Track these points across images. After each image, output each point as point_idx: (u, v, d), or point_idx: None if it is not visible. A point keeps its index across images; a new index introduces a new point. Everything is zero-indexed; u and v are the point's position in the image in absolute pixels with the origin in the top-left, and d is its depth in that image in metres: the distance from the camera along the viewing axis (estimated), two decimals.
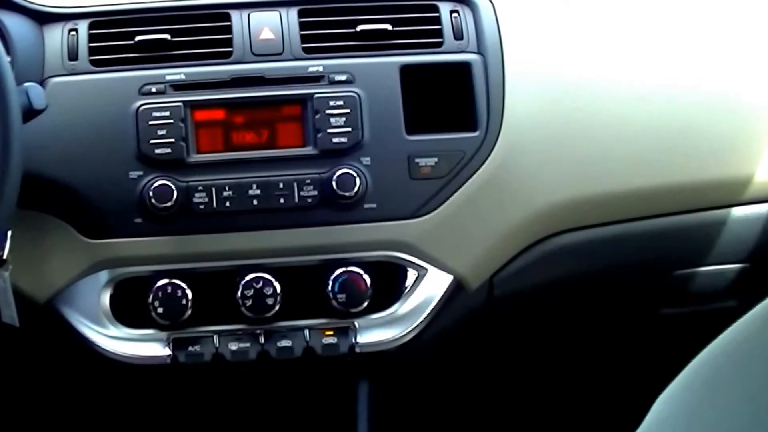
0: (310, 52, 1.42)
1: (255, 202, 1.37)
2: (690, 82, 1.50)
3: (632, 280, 1.58)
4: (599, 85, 1.47)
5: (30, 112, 1.27)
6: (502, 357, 1.84)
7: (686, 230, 1.53)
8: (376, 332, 1.44)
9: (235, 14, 1.44)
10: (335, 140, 1.37)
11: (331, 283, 1.40)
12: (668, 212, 1.50)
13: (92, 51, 1.42)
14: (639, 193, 1.47)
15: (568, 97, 1.46)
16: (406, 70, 1.41)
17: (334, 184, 1.36)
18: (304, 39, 1.43)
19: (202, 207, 1.36)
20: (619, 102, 1.47)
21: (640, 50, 1.51)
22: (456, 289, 1.45)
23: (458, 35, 1.45)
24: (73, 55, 1.42)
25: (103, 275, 1.41)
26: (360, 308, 1.41)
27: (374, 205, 1.38)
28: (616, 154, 1.45)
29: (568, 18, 1.52)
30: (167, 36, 1.42)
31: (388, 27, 1.43)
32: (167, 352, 1.41)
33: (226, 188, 1.37)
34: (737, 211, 1.53)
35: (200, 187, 1.36)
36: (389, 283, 1.44)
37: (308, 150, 1.38)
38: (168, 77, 1.39)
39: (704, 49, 1.53)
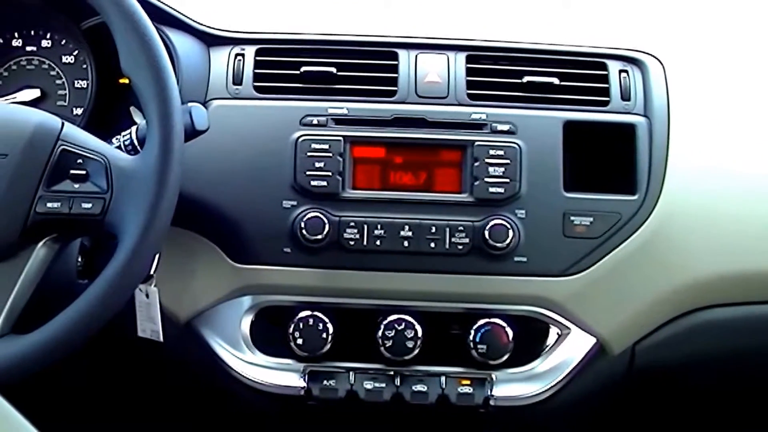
0: (474, 99, 1.41)
1: (406, 243, 1.36)
2: None
3: None
4: (763, 164, 1.44)
5: (192, 133, 1.28)
6: (637, 428, 1.80)
7: None
8: (513, 386, 1.42)
9: (402, 54, 1.44)
10: (492, 189, 1.36)
11: (473, 332, 1.39)
12: None
13: (257, 77, 1.43)
14: None
15: (730, 171, 1.43)
16: (569, 126, 1.39)
17: (486, 233, 1.35)
18: (470, 85, 1.42)
19: (352, 243, 1.36)
20: None
21: None
22: (597, 353, 1.42)
23: (625, 96, 1.43)
24: (237, 80, 1.43)
25: (246, 300, 1.42)
26: (499, 361, 1.40)
27: (525, 259, 1.37)
28: None
29: (737, 88, 1.49)
30: (333, 69, 1.42)
31: (555, 81, 1.42)
32: (302, 383, 1.41)
33: (378, 227, 1.36)
34: None
35: (352, 223, 1.36)
36: (530, 339, 1.42)
37: (464, 197, 1.37)
38: (330, 110, 1.40)
39: None
